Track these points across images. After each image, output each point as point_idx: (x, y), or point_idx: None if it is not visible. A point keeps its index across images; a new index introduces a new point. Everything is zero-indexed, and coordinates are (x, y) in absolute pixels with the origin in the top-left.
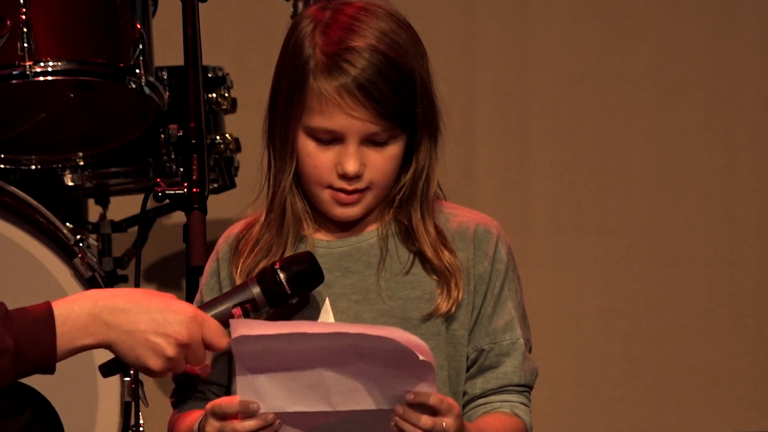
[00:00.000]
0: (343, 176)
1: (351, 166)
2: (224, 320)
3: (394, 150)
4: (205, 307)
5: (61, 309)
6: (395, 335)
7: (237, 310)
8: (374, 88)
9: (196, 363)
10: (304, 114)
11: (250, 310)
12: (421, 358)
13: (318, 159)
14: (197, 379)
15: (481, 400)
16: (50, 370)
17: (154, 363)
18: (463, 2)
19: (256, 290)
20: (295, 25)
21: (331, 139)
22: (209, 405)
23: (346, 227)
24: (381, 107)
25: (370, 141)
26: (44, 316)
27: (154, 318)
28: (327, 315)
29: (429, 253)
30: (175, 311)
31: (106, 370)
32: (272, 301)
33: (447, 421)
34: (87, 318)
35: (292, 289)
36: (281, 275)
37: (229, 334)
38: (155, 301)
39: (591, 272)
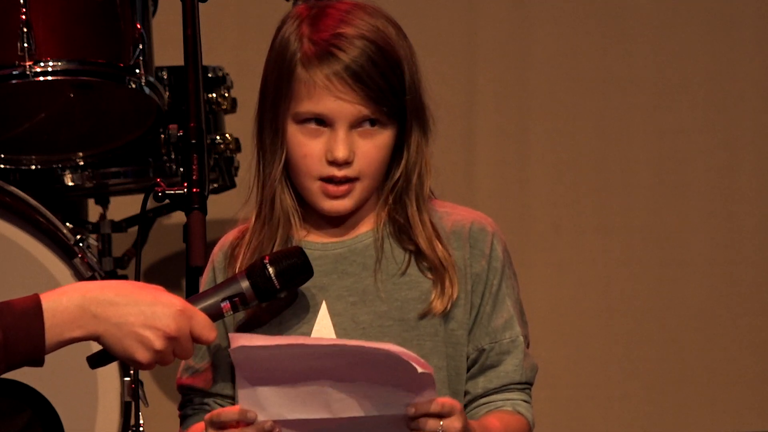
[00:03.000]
0: (333, 162)
1: (340, 152)
2: (213, 313)
3: (383, 139)
4: (193, 300)
5: (49, 302)
6: (393, 349)
7: (226, 305)
8: (363, 72)
9: (184, 356)
10: (293, 102)
11: (239, 304)
12: (420, 370)
13: (307, 148)
14: (202, 392)
15: (483, 400)
16: (39, 363)
17: (142, 356)
18: (463, 2)
19: (245, 284)
20: (282, 23)
21: (320, 125)
22: (208, 416)
23: (338, 227)
24: (370, 90)
25: (359, 128)
26: (33, 309)
27: (142, 311)
28: (324, 319)
29: (424, 245)
30: (163, 304)
31: (94, 361)
32: (261, 296)
33: (447, 422)
34: (76, 310)
35: (281, 283)
36: (270, 269)
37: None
38: (144, 294)
39: (591, 272)
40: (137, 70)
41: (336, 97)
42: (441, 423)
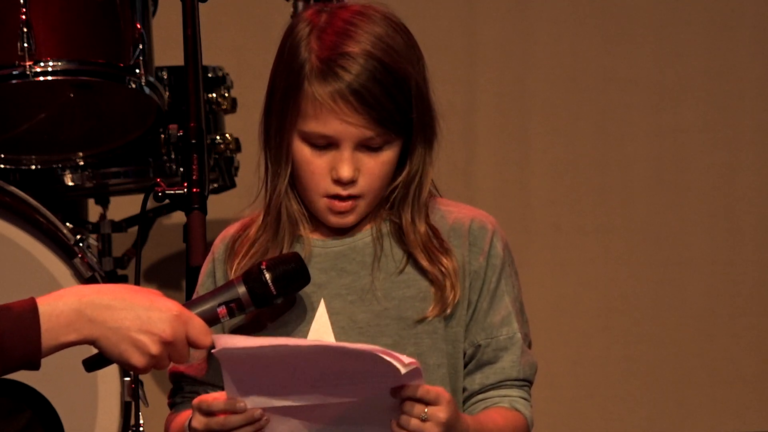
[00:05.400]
0: (338, 181)
1: (345, 172)
2: (209, 319)
3: (388, 155)
4: (190, 305)
5: (45, 305)
6: (376, 351)
7: (222, 310)
8: (368, 93)
9: (180, 361)
10: (299, 119)
11: (236, 310)
12: (403, 371)
13: (313, 165)
14: (193, 380)
15: (480, 396)
16: (35, 366)
17: (138, 360)
18: (463, 2)
19: (241, 290)
20: (291, 29)
21: (326, 144)
22: (196, 400)
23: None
24: (375, 113)
25: (364, 146)
26: (29, 313)
27: (138, 315)
28: (322, 317)
29: (419, 256)
30: (159, 309)
31: (90, 364)
32: (257, 301)
33: (431, 409)
34: (72, 314)
35: (277, 289)
36: (267, 275)
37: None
38: (140, 298)
39: (591, 272)
40: (137, 70)
41: (341, 120)
42: (426, 410)
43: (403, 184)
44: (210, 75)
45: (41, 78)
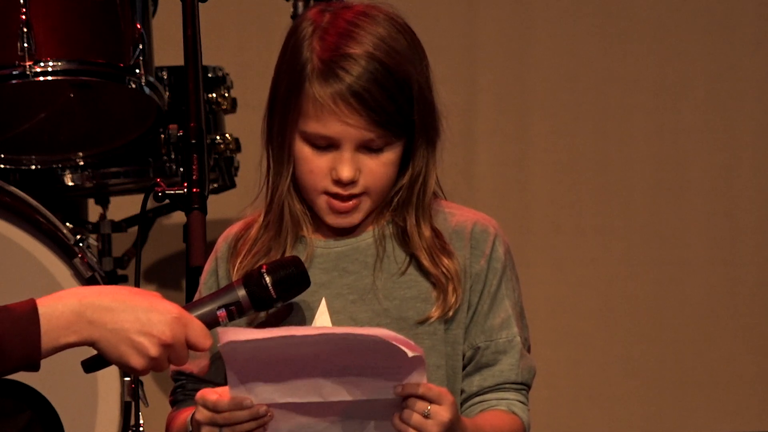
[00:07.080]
0: (338, 182)
1: (345, 172)
2: (209, 322)
3: (389, 156)
4: (190, 307)
5: (45, 307)
6: (382, 334)
7: (222, 313)
8: (369, 95)
9: (179, 363)
10: (301, 119)
11: (236, 313)
12: (410, 354)
13: (313, 164)
14: (195, 378)
15: (477, 398)
16: (35, 367)
17: (137, 362)
18: (463, 2)
19: (241, 293)
20: (295, 28)
21: (326, 144)
22: (198, 395)
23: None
24: (376, 115)
25: (365, 147)
26: (29, 314)
27: (138, 317)
28: (323, 315)
29: (423, 258)
30: (159, 311)
31: (89, 366)
32: (257, 305)
33: (435, 408)
34: (71, 316)
35: (277, 293)
36: (267, 279)
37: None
38: (140, 301)
39: (591, 272)
40: (137, 70)
41: (342, 121)
42: (428, 407)
43: (407, 186)
44: (210, 75)
45: (41, 78)
